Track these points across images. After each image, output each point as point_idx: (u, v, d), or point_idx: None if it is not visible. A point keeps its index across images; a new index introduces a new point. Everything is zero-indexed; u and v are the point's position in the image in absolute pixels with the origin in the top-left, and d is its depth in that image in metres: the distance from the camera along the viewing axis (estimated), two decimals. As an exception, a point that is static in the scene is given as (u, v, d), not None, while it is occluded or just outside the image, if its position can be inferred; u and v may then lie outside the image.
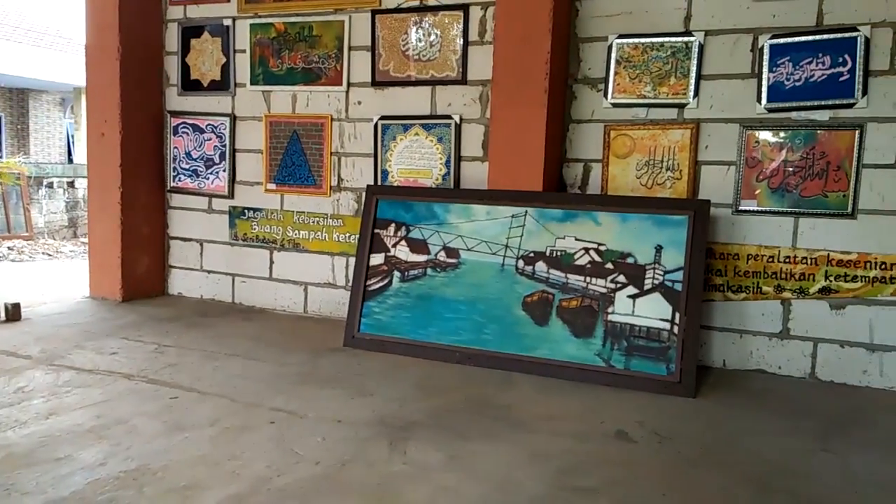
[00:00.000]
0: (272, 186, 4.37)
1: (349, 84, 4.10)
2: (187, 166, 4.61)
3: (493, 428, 2.63)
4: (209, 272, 4.66)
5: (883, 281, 3.09)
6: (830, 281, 3.18)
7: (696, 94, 3.34)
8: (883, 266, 3.09)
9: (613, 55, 3.49)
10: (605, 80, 3.52)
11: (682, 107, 3.38)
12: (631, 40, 3.45)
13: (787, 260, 3.24)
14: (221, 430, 2.53)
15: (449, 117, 3.83)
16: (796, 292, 3.24)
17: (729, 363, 3.40)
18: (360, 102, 4.09)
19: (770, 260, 3.28)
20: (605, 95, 3.53)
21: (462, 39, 3.77)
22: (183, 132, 4.59)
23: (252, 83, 4.36)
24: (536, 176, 3.46)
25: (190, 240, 4.71)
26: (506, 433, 2.59)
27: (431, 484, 2.15)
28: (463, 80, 3.79)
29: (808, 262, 3.21)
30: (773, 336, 3.32)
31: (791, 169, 3.21)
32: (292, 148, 4.28)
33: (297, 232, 4.33)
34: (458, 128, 3.81)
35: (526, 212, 3.48)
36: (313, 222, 4.27)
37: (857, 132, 3.08)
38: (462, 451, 2.41)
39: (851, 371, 3.19)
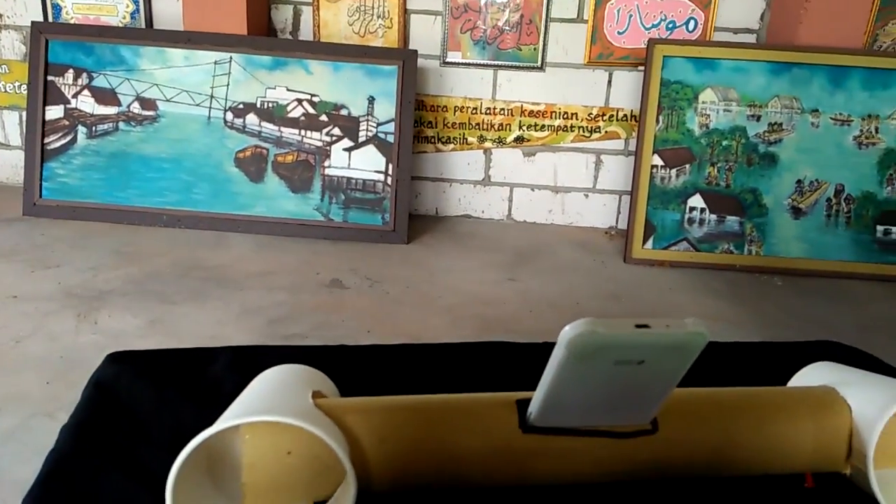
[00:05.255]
0: None
1: None
2: None
3: (203, 289, 2.52)
4: None
5: (565, 129, 3.47)
6: (523, 131, 3.48)
7: (405, -64, 3.24)
8: (565, 115, 3.45)
9: None
10: (312, -87, 3.24)
11: (391, -50, 3.27)
12: None
13: (488, 111, 3.46)
14: None
15: (132, -58, 3.26)
16: (496, 142, 3.50)
17: (441, 211, 3.63)
18: (10, -86, 3.28)
19: (474, 112, 3.46)
20: (312, -69, 3.27)
21: None
22: None
23: None
24: (240, 17, 3.14)
25: None
26: (216, 293, 2.50)
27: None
28: None
29: (506, 113, 3.46)
30: (478, 183, 3.59)
31: (491, 21, 3.34)
32: (-84, -32, 3.33)
33: (-56, 81, 3.49)
34: (145, -44, 3.28)
35: (231, 58, 3.18)
36: (-34, 68, 3.47)
37: (546, -13, 3.27)
38: (165, 314, 2.28)
39: (540, 211, 3.61)
